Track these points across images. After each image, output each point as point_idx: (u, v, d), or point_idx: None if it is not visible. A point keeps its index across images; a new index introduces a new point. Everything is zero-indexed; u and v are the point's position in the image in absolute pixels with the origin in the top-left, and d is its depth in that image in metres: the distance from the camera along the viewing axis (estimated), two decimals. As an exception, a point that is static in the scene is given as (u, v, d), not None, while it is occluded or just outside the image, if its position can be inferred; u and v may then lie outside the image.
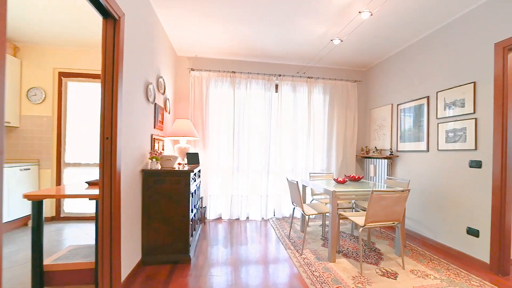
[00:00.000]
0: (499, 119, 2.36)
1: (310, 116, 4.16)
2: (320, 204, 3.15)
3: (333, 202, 2.53)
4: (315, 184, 3.02)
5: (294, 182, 2.81)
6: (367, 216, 2.30)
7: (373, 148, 4.11)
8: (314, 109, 4.21)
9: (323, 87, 4.24)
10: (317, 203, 3.19)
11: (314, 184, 3.03)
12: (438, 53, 2.99)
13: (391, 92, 3.79)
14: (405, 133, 3.48)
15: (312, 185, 3.09)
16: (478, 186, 2.51)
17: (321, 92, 4.25)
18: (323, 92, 4.24)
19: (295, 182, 2.80)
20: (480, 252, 2.49)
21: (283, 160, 4.16)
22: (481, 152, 2.50)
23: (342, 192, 2.55)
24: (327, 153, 4.24)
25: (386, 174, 3.67)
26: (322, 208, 2.96)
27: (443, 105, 2.91)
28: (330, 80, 4.26)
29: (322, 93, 4.25)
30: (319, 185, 2.89)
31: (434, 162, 3.01)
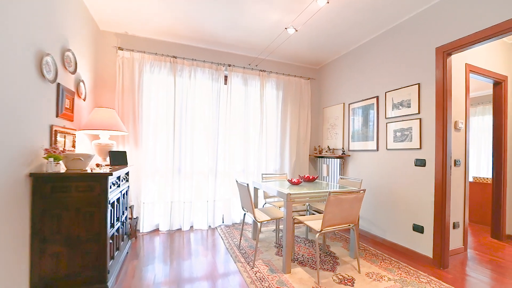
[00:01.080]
0: (440, 120, 2.43)
1: (263, 112, 3.86)
2: (274, 208, 2.85)
3: (288, 206, 2.24)
4: (268, 186, 2.70)
5: (244, 184, 2.43)
6: (324, 220, 2.07)
7: (326, 147, 4.05)
8: (267, 105, 3.93)
9: (276, 82, 4.00)
10: (270, 208, 2.88)
11: (267, 186, 2.71)
12: (387, 54, 3.03)
13: (343, 91, 3.78)
14: (356, 133, 3.48)
15: (265, 188, 2.76)
16: (423, 184, 2.56)
17: (274, 87, 4.00)
18: (276, 87, 4.00)
19: (245, 185, 2.42)
20: (424, 248, 2.54)
21: (233, 160, 3.75)
22: (425, 151, 2.55)
23: (297, 194, 2.28)
24: (280, 153, 4.01)
25: (339, 174, 3.62)
26: (275, 213, 2.65)
27: (391, 105, 2.94)
28: (284, 75, 4.05)
29: (275, 89, 4.00)
30: (272, 188, 2.58)
31: (383, 161, 3.04)
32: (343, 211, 2.13)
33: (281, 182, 3.04)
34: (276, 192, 2.44)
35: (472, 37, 2.20)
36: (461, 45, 2.28)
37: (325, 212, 2.05)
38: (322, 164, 4.01)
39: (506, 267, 2.44)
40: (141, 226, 3.27)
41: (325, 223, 2.08)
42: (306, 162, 4.16)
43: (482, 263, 2.52)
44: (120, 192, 2.31)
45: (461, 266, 2.44)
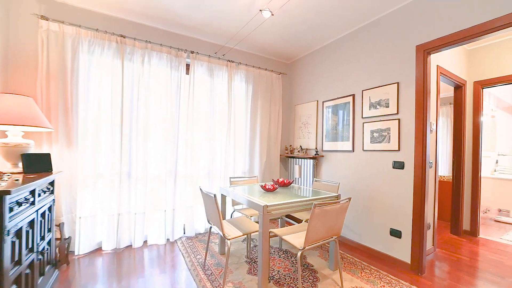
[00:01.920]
0: (420, 121, 2.34)
1: (231, 107, 3.43)
2: (244, 219, 2.47)
3: (264, 221, 1.88)
4: (237, 194, 2.31)
5: (211, 195, 2.00)
6: (308, 236, 1.78)
7: (298, 147, 3.82)
8: (235, 99, 3.51)
9: (246, 75, 3.61)
10: (240, 218, 2.50)
11: (237, 194, 2.32)
12: (365, 50, 2.87)
13: (317, 88, 3.57)
14: (330, 132, 3.30)
15: (234, 195, 2.37)
16: (401, 187, 2.46)
17: (243, 80, 3.60)
18: (246, 80, 3.61)
19: (211, 195, 2.00)
20: (402, 253, 2.44)
21: (196, 162, 3.25)
22: (404, 153, 2.45)
23: (276, 206, 1.94)
24: (250, 153, 3.64)
25: (312, 176, 3.41)
26: (247, 225, 2.28)
27: (368, 104, 2.80)
28: (254, 68, 3.67)
29: (244, 82, 3.60)
30: (243, 196, 2.20)
31: (359, 162, 2.89)
32: (327, 223, 1.86)
33: (251, 187, 2.68)
34: (248, 202, 2.07)
35: (453, 36, 2.12)
36: (442, 44, 2.20)
37: (309, 227, 1.75)
38: (294, 165, 3.77)
39: (474, 266, 2.48)
40: (76, 247, 2.58)
41: (309, 239, 1.78)
42: (277, 163, 3.88)
43: (454, 264, 2.53)
44: (37, 211, 1.67)
45: (436, 270, 2.40)
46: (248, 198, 2.12)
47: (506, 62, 3.10)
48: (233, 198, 2.39)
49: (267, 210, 1.88)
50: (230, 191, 2.46)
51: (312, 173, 3.40)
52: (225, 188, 2.61)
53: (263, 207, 1.86)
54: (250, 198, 2.10)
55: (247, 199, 2.10)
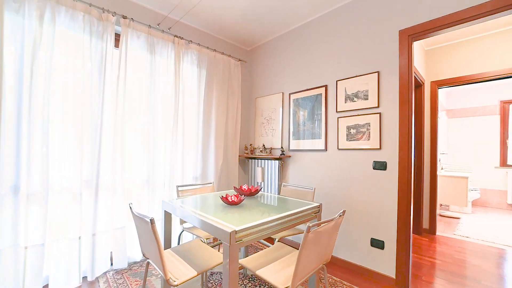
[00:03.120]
0: (404, 115, 2.07)
1: (179, 96, 2.68)
2: (199, 245, 1.80)
3: (232, 255, 1.26)
4: (186, 212, 1.63)
5: (146, 219, 1.28)
6: (298, 272, 1.24)
7: (260, 146, 3.29)
8: (184, 87, 2.77)
9: (198, 58, 2.90)
10: (194, 243, 1.81)
11: (186, 211, 1.63)
12: (340, 35, 2.53)
13: (283, 78, 3.10)
14: (299, 129, 2.86)
15: (183, 214, 1.67)
16: (383, 191, 2.16)
17: (195, 63, 2.88)
18: (198, 64, 2.90)
19: (146, 220, 1.27)
20: (385, 266, 2.14)
21: (129, 166, 2.40)
22: (386, 152, 2.16)
23: (249, 229, 1.34)
24: (203, 154, 2.94)
25: (278, 179, 2.92)
26: (204, 256, 1.62)
27: (344, 97, 2.45)
28: (209, 50, 2.99)
29: (196, 66, 2.89)
30: (195, 215, 1.53)
31: (333, 163, 2.53)
32: (320, 248, 1.36)
33: (206, 198, 2.01)
34: (205, 224, 1.41)
35: (441, 21, 1.90)
36: (428, 29, 1.96)
37: (300, 259, 1.22)
38: (255, 167, 3.23)
39: (450, 271, 2.36)
40: None
41: (299, 275, 1.24)
42: (236, 165, 3.27)
43: (432, 271, 2.36)
44: None
45: (419, 283, 2.17)
46: (205, 218, 1.46)
47: (459, 64, 3.20)
48: (182, 217, 1.69)
49: (236, 238, 1.27)
50: (177, 206, 1.75)
51: (278, 177, 2.92)
52: (170, 202, 1.88)
53: (230, 234, 1.24)
54: (207, 218, 1.45)
55: (203, 220, 1.44)
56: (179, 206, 1.76)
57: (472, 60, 3.11)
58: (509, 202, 4.94)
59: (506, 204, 5.00)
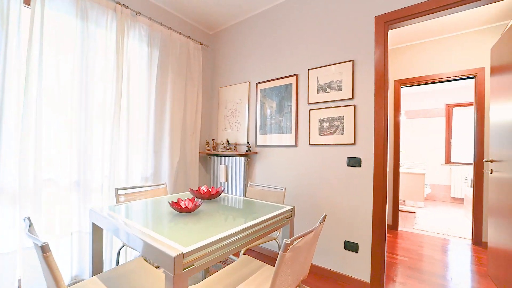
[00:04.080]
0: (380, 108, 1.93)
1: (122, 79, 2.17)
2: (143, 268, 1.38)
3: (182, 283, 0.90)
4: (119, 225, 1.20)
5: (38, 243, 0.87)
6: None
7: (224, 141, 2.92)
8: (130, 67, 2.26)
9: (149, 34, 2.41)
10: (133, 266, 1.38)
11: (119, 225, 1.21)
12: (312, 20, 2.31)
13: (249, 66, 2.78)
14: (267, 122, 2.58)
15: (113, 227, 1.23)
16: (358, 189, 2.00)
17: (144, 40, 2.39)
18: (149, 42, 2.41)
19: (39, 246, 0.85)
20: (359, 270, 1.97)
21: (48, 164, 1.83)
22: (361, 147, 2.00)
23: (205, 250, 0.99)
24: (155, 150, 2.47)
25: (244, 178, 2.59)
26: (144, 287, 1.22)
27: (316, 87, 2.24)
28: (163, 26, 2.53)
29: (146, 44, 2.40)
30: (129, 231, 1.12)
31: (304, 160, 2.30)
32: (297, 266, 1.07)
33: (154, 204, 1.59)
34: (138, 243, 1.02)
35: (419, 7, 1.78)
36: (405, 16, 1.84)
37: (273, 284, 0.91)
38: (218, 164, 2.85)
39: (418, 268, 2.31)
40: None
41: (271, 306, 0.93)
42: (196, 163, 2.86)
43: (402, 270, 2.28)
44: None
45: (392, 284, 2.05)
46: (140, 234, 1.06)
47: (418, 64, 3.27)
48: (112, 232, 1.25)
49: (185, 263, 0.90)
50: (107, 217, 1.30)
51: (244, 176, 2.60)
52: (100, 211, 1.41)
53: (174, 259, 0.87)
54: (144, 235, 1.05)
55: (137, 236, 1.04)
56: (109, 216, 1.31)
57: (429, 62, 3.20)
58: (452, 195, 5.41)
59: (450, 198, 5.47)
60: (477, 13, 2.64)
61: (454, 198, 5.42)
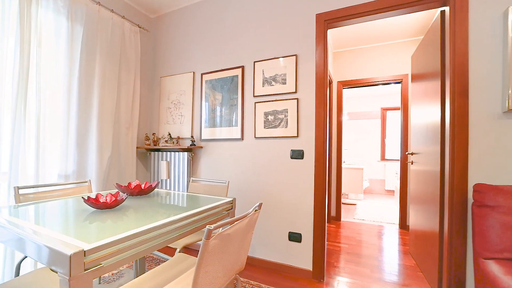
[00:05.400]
0: (320, 102, 1.99)
1: (29, 56, 1.79)
2: (48, 279, 1.12)
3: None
4: (4, 230, 0.95)
5: None
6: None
7: (166, 135, 2.68)
8: (41, 42, 1.88)
9: (70, 7, 2.06)
10: (35, 277, 1.11)
11: (3, 230, 0.95)
12: (258, 12, 2.28)
13: (194, 55, 2.62)
14: (213, 115, 2.46)
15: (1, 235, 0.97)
16: (300, 180, 2.02)
17: (62, 13, 2.02)
18: (69, 16, 2.06)
19: None
20: (303, 260, 2.00)
21: None
22: (303, 140, 2.03)
23: (116, 247, 0.83)
24: (79, 143, 2.11)
25: (187, 174, 2.41)
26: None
27: (262, 80, 2.22)
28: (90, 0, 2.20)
29: (66, 18, 2.04)
30: (9, 231, 0.89)
31: (250, 153, 2.24)
32: (229, 256, 0.99)
33: (69, 204, 1.33)
34: (22, 244, 0.81)
35: (355, 9, 1.89)
36: (344, 16, 1.93)
37: (196, 279, 0.80)
38: (159, 160, 2.61)
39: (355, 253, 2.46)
40: None
41: (194, 306, 0.82)
42: (132, 159, 2.56)
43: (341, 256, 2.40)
44: None
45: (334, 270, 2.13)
46: (35, 236, 0.84)
47: (357, 68, 3.57)
48: (3, 238, 0.98)
49: (87, 263, 0.73)
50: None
51: (187, 171, 2.43)
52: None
53: (70, 257, 0.69)
54: (38, 236, 0.84)
55: (30, 240, 0.82)
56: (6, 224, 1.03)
57: (366, 66, 3.51)
58: (386, 188, 6.08)
59: (384, 190, 6.14)
60: (404, 26, 2.98)
61: (387, 191, 6.09)
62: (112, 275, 1.95)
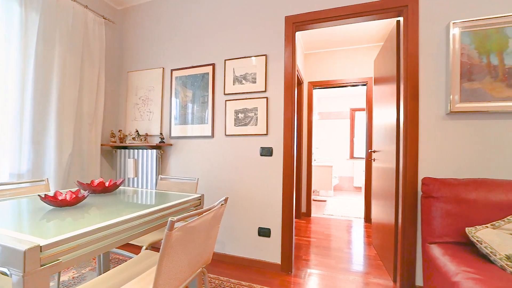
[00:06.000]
0: (288, 102, 2.06)
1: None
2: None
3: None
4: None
5: None
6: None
7: (133, 132, 2.58)
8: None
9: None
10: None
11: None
12: (230, 10, 2.29)
13: (164, 50, 2.56)
14: (183, 112, 2.42)
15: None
16: (270, 177, 2.08)
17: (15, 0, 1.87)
18: (23, 2, 1.90)
19: None
20: (272, 254, 2.07)
21: None
22: (272, 137, 2.10)
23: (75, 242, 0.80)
24: (34, 140, 1.95)
25: (156, 172, 2.35)
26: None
27: (232, 78, 2.24)
28: (47, -13, 2.04)
29: (18, 3, 1.88)
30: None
31: (221, 151, 2.26)
32: (194, 249, 1.00)
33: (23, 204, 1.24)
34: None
35: (324, 13, 1.98)
36: (311, 20, 2.02)
37: (159, 272, 0.81)
38: (125, 158, 2.51)
39: (323, 246, 2.58)
40: None
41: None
42: (96, 156, 2.44)
43: (310, 249, 2.50)
44: None
45: (302, 263, 2.23)
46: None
47: (327, 70, 3.73)
48: None
49: (43, 258, 0.70)
50: None
51: (156, 169, 2.37)
52: None
53: (24, 253, 0.66)
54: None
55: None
56: None
57: (335, 68, 3.69)
58: (355, 185, 6.44)
59: (353, 187, 6.49)
60: (369, 32, 3.18)
61: (356, 187, 6.45)
62: (73, 279, 1.85)
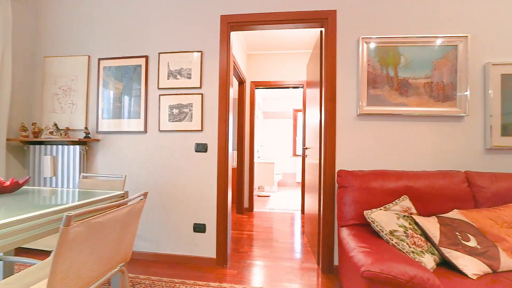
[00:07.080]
0: (223, 99, 2.12)
1: None
2: None
3: None
4: None
5: None
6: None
7: (51, 126, 2.27)
8: None
9: None
10: None
11: None
12: (166, 2, 2.21)
13: (91, 36, 2.31)
14: (112, 105, 2.24)
15: None
16: (204, 173, 2.11)
17: None
18: None
19: None
20: (207, 249, 2.10)
21: None
22: (207, 134, 2.12)
23: None
24: None
25: (80, 170, 2.13)
26: None
27: (167, 72, 2.18)
28: None
29: None
30: None
31: (154, 147, 2.17)
32: (106, 246, 0.96)
33: None
34: None
35: (260, 16, 2.08)
36: (246, 22, 2.11)
37: (54, 272, 0.76)
38: (41, 155, 2.20)
39: (261, 238, 2.72)
40: None
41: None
42: (1, 152, 2.07)
43: (246, 242, 2.60)
44: None
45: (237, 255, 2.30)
46: None
47: (269, 71, 3.92)
48: None
49: None
50: None
51: (80, 167, 2.15)
52: None
53: None
54: None
55: None
56: None
57: (276, 70, 3.90)
58: (297, 181, 6.91)
59: (295, 183, 6.96)
60: (304, 39, 3.47)
61: (298, 183, 6.93)
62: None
